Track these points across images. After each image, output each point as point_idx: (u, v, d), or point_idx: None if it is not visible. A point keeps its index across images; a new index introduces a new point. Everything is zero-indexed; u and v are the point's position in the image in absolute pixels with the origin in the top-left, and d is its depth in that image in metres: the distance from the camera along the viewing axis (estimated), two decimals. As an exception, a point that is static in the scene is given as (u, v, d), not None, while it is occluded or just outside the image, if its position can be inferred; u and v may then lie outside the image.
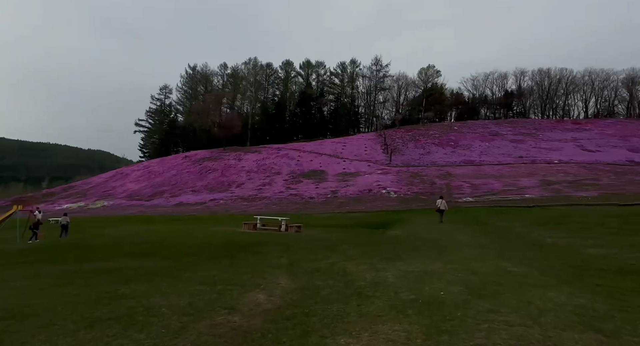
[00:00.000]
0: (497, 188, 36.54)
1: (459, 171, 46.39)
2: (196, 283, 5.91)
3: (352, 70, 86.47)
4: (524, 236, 12.52)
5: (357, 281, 6.22)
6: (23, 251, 12.10)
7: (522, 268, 6.77)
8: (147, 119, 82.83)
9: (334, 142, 67.40)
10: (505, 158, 52.24)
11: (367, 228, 21.42)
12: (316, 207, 35.79)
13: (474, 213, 22.97)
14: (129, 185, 55.44)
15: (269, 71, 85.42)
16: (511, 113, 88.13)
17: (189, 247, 10.89)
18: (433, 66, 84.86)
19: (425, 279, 5.96)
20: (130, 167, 69.17)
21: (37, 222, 18.80)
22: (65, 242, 13.98)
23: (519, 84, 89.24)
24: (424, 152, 58.02)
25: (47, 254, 10.44)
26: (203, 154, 64.31)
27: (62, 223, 20.47)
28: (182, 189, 50.52)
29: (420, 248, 9.84)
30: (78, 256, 9.56)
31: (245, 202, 41.30)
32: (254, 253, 9.86)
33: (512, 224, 15.62)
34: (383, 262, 7.86)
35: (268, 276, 6.65)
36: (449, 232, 14.11)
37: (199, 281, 6.05)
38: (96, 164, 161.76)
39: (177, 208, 40.73)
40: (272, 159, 58.54)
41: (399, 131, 68.98)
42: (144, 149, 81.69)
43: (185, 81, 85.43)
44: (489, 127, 70.53)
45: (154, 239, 13.24)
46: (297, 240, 13.02)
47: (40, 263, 8.45)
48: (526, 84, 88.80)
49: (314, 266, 7.79)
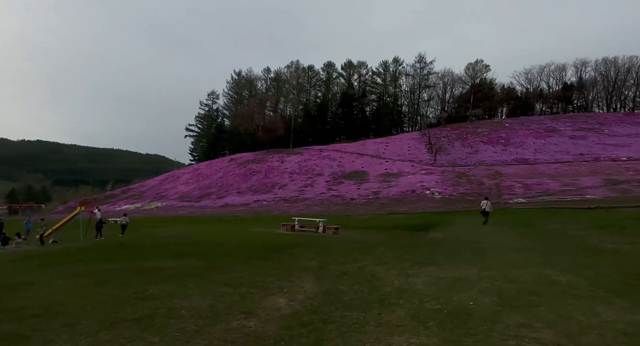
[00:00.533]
0: (553, 188, 33.86)
1: (510, 170, 43.64)
2: (222, 284, 6.03)
3: (395, 69, 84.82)
4: (579, 241, 11.42)
5: (383, 286, 6.00)
6: (81, 249, 13.17)
7: (569, 276, 6.13)
8: (197, 124, 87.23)
9: (376, 142, 66.44)
10: (563, 156, 48.31)
11: (408, 230, 20.83)
12: (357, 208, 35.46)
13: (525, 215, 21.43)
14: (180, 187, 58.62)
15: (310, 73, 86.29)
16: (571, 107, 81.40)
17: (227, 248, 11.20)
18: (481, 61, 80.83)
19: (456, 287, 5.60)
20: (181, 170, 73.18)
21: (100, 221, 20.68)
22: (118, 241, 15.04)
23: (580, 75, 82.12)
24: (472, 151, 55.32)
25: (100, 253, 11.27)
26: (248, 157, 66.36)
27: (121, 222, 22.46)
28: (228, 190, 52.46)
29: (459, 252, 9.31)
30: (125, 255, 10.20)
31: (287, 203, 41.93)
32: (286, 254, 9.92)
33: (566, 227, 14.33)
34: (415, 267, 7.53)
35: (294, 279, 6.63)
36: (494, 235, 13.25)
37: (225, 282, 6.17)
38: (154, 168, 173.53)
39: (223, 209, 42.35)
40: (314, 161, 58.96)
41: (444, 130, 66.42)
42: (194, 153, 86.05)
43: (231, 86, 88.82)
44: (544, 123, 65.71)
45: (196, 239, 13.81)
46: (332, 242, 12.92)
47: (90, 262, 9.13)
48: (588, 76, 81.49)
49: (342, 269, 7.66)
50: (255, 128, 71.31)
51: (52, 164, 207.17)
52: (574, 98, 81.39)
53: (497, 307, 4.44)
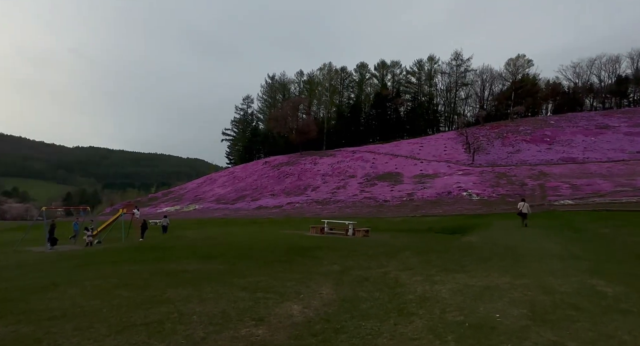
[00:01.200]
0: (605, 189, 31.31)
1: (555, 170, 40.94)
2: (239, 289, 5.96)
3: (430, 67, 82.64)
4: (634, 247, 10.35)
5: (405, 294, 5.67)
6: (119, 250, 13.78)
7: (617, 287, 5.47)
8: (232, 128, 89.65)
9: (410, 143, 64.99)
10: (617, 154, 44.65)
11: (441, 233, 20.04)
12: (390, 210, 34.70)
13: (572, 218, 19.89)
14: (217, 190, 60.39)
15: (343, 75, 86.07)
16: (626, 102, 75.26)
17: (252, 250, 11.24)
18: (523, 55, 76.75)
19: (483, 297, 5.15)
20: (218, 173, 75.49)
21: (144, 223, 21.91)
22: (152, 243, 15.59)
23: (636, 67, 75.74)
24: (513, 151, 52.57)
25: (133, 254, 11.70)
26: (281, 160, 67.19)
27: (162, 224, 23.64)
28: (262, 193, 53.33)
29: (492, 257, 8.70)
30: (155, 257, 10.50)
31: (320, 205, 41.89)
32: (310, 257, 9.76)
33: (619, 232, 13.08)
34: (442, 273, 7.10)
35: (312, 285, 6.44)
36: (534, 239, 12.33)
37: (242, 287, 6.10)
38: (193, 171, 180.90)
39: (257, 211, 43.05)
40: (347, 163, 58.59)
41: (483, 129, 63.68)
42: (230, 156, 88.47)
43: (265, 90, 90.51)
44: (595, 119, 61.19)
45: (224, 241, 14.02)
46: (360, 245, 12.61)
47: (121, 263, 9.46)
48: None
49: (365, 274, 7.37)
50: (289, 131, 72.13)
51: (103, 169, 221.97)
52: (630, 92, 75.21)
53: (526, 321, 4.00)
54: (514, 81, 75.35)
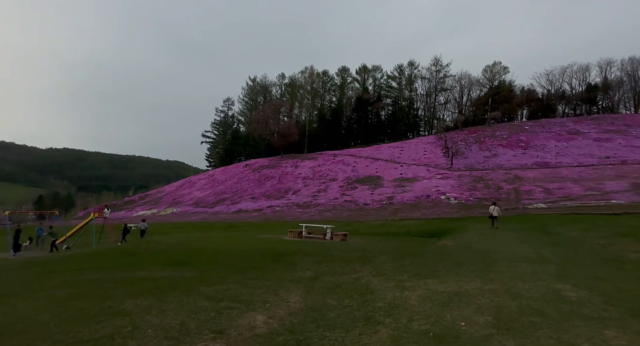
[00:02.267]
0: (576, 193, 32.39)
1: (530, 174, 42.13)
2: (204, 298, 5.73)
3: (411, 72, 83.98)
4: (601, 250, 10.64)
5: (374, 301, 5.58)
6: (87, 256, 13.20)
7: (582, 292, 5.55)
8: (213, 130, 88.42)
9: (391, 147, 65.65)
10: (587, 159, 46.38)
11: (419, 236, 20.21)
12: (370, 214, 34.84)
13: (544, 221, 20.41)
14: (196, 193, 59.28)
15: (325, 78, 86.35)
16: (595, 109, 78.43)
17: (226, 256, 10.96)
18: (499, 62, 79.00)
19: (452, 303, 5.12)
20: (197, 176, 74.16)
21: (125, 227, 22.21)
22: (123, 248, 15.04)
23: (605, 75, 79.22)
24: (490, 155, 53.84)
25: (100, 261, 11.21)
26: (262, 162, 66.63)
27: (141, 228, 23.15)
28: (242, 196, 52.67)
29: (465, 262, 8.74)
30: (123, 264, 10.08)
31: (300, 209, 41.68)
32: (285, 263, 9.59)
33: (587, 235, 13.47)
34: (414, 278, 7.06)
35: (282, 292, 6.27)
36: (507, 243, 12.53)
37: (208, 296, 5.87)
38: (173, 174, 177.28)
39: (236, 215, 42.43)
40: (328, 166, 58.62)
41: (461, 133, 64.96)
42: (210, 159, 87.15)
43: (246, 92, 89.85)
44: (567, 125, 63.44)
45: (201, 247, 13.64)
46: (337, 250, 12.50)
47: (86, 270, 9.03)
48: (614, 76, 78.52)
49: (337, 280, 7.26)
50: (270, 134, 71.69)
51: (78, 171, 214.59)
52: (599, 99, 78.47)
53: (490, 329, 3.96)
54: (491, 87, 77.42)
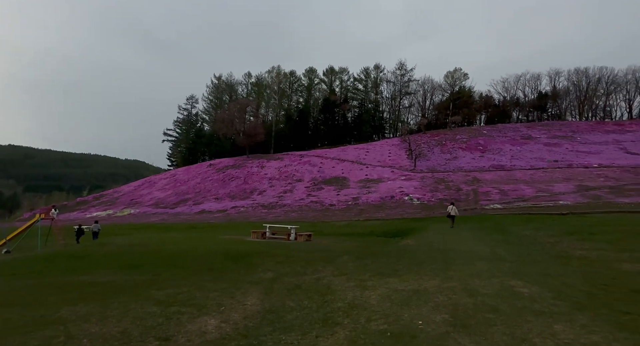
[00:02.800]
0: (528, 194, 34.27)
1: (487, 176, 44.12)
2: (153, 303, 5.35)
3: (376, 75, 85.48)
4: (550, 248, 11.21)
5: (334, 302, 5.46)
6: (26, 260, 12.13)
7: (533, 288, 5.74)
8: (175, 128, 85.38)
9: (357, 148, 66.42)
10: (538, 162, 49.29)
11: (383, 236, 20.46)
12: (335, 214, 34.96)
13: (500, 221, 21.37)
14: (156, 193, 56.90)
15: (292, 79, 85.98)
16: (545, 116, 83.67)
17: (185, 257, 10.46)
18: (460, 69, 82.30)
19: (411, 302, 5.10)
20: (157, 176, 71.25)
21: (80, 228, 21.25)
22: (69, 251, 13.99)
23: (554, 85, 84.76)
24: (451, 158, 55.89)
25: (42, 265, 10.34)
26: (227, 162, 65.16)
27: (93, 230, 21.79)
28: (206, 197, 51.20)
29: (425, 260, 8.88)
30: (66, 267, 9.34)
31: (265, 209, 41.11)
32: (244, 264, 9.28)
33: (538, 234, 14.19)
34: (376, 278, 7.03)
35: (239, 295, 6.01)
36: (465, 242, 12.94)
37: (158, 300, 5.50)
38: (132, 174, 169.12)
39: (199, 216, 41.13)
40: (295, 166, 58.35)
41: (424, 136, 67.02)
42: (172, 158, 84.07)
43: (211, 90, 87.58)
44: (520, 130, 67.19)
45: (157, 248, 12.96)
46: (300, 250, 12.33)
47: (24, 276, 8.26)
48: (562, 85, 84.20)
49: (297, 281, 7.08)
50: (236, 133, 70.28)
51: (25, 170, 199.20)
52: (549, 107, 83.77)
53: (447, 327, 3.96)
54: (452, 92, 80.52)
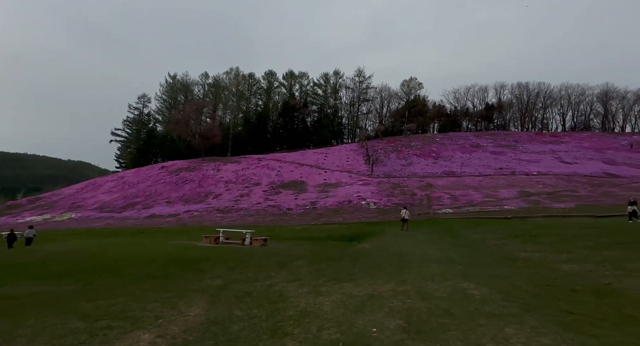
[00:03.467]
0: (476, 199, 36.08)
1: (439, 182, 45.97)
2: (78, 317, 4.72)
3: (335, 81, 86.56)
4: (497, 250, 11.67)
5: (286, 309, 5.14)
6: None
7: (484, 289, 5.80)
8: (124, 128, 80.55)
9: (315, 152, 66.57)
10: (485, 170, 52.23)
11: (340, 240, 20.44)
12: (293, 218, 34.57)
13: (451, 225, 22.20)
14: (101, 196, 53.12)
15: (251, 81, 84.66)
16: (492, 126, 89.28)
17: (125, 265, 9.61)
18: (415, 78, 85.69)
19: (365, 308, 4.92)
20: (103, 178, 66.66)
21: (11, 234, 19.62)
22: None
23: (499, 97, 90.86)
24: (406, 163, 57.67)
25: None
26: (181, 165, 62.46)
27: (26, 235, 19.89)
28: (156, 200, 48.60)
29: (381, 264, 8.82)
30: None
31: (221, 213, 39.75)
32: (194, 271, 8.68)
33: (486, 237, 14.81)
34: (330, 283, 6.81)
35: (182, 305, 5.50)
36: (419, 245, 13.17)
37: (85, 314, 4.86)
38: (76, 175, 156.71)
39: (148, 220, 38.86)
40: (252, 170, 57.21)
41: (381, 142, 68.70)
42: (120, 160, 79.13)
43: (165, 89, 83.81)
44: (470, 139, 71.02)
45: (95, 255, 11.85)
46: (254, 255, 11.85)
47: None
48: (506, 98, 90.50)
49: (248, 288, 6.67)
50: (191, 135, 67.60)
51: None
52: (495, 117, 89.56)
53: (401, 334, 3.80)
54: (408, 100, 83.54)
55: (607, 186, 38.82)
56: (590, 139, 69.10)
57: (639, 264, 8.03)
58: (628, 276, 7.02)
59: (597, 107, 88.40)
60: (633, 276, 6.99)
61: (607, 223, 18.20)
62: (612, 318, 4.49)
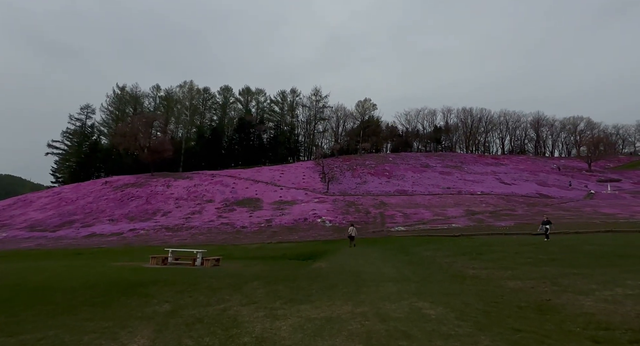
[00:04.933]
0: (427, 217, 37.55)
1: (392, 200, 47.39)
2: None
3: (292, 99, 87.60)
4: (447, 267, 12.08)
5: (240, 336, 4.86)
6: None
7: (439, 308, 5.93)
8: (63, 140, 74.74)
9: (271, 169, 66.07)
10: (434, 189, 54.79)
11: (296, 259, 20.10)
12: (247, 237, 33.63)
13: (404, 242, 22.79)
14: (32, 214, 48.26)
15: (206, 96, 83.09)
16: (440, 147, 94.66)
17: (56, 292, 8.63)
18: (369, 100, 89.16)
19: (324, 332, 4.79)
20: (36, 194, 60.84)
21: None
22: None
23: (447, 120, 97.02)
24: (360, 182, 58.95)
25: None
26: (127, 180, 58.88)
27: None
28: (98, 218, 45.10)
29: (337, 284, 8.74)
30: None
31: (170, 232, 37.69)
32: (138, 296, 8.00)
33: (437, 254, 15.33)
34: (288, 305, 6.60)
35: (123, 335, 5.00)
36: (374, 263, 13.31)
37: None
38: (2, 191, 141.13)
39: (87, 240, 35.80)
40: (205, 186, 55.32)
41: (337, 160, 69.89)
42: (57, 174, 72.91)
43: (112, 100, 79.61)
44: (420, 159, 74.50)
45: (18, 282, 10.54)
46: (206, 276, 11.24)
47: None
48: (452, 121, 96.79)
49: (199, 314, 6.26)
50: (139, 149, 64.28)
51: None
52: (442, 139, 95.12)
53: (362, 360, 3.72)
54: (362, 120, 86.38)
55: (541, 206, 42.32)
56: (525, 162, 75.46)
57: (572, 280, 8.69)
58: (564, 292, 7.54)
59: (530, 133, 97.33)
60: (568, 292, 7.53)
61: (541, 240, 19.68)
62: (555, 335, 4.76)
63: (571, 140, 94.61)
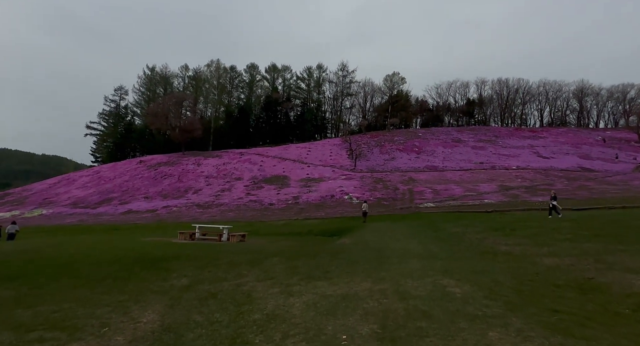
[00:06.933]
0: (458, 193, 36.30)
1: (422, 176, 46.13)
2: (9, 327, 4.12)
3: (319, 75, 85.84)
4: (478, 244, 11.46)
5: (251, 313, 4.66)
6: None
7: (465, 286, 5.46)
8: (100, 121, 77.81)
9: (298, 147, 65.93)
10: (466, 164, 52.75)
11: (321, 235, 20.06)
12: (275, 214, 33.99)
13: (432, 218, 22.10)
14: (75, 192, 51.15)
15: (232, 74, 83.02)
16: (473, 121, 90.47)
17: (83, 265, 8.90)
18: (398, 73, 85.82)
19: (337, 310, 4.48)
20: (78, 173, 64.32)
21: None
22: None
23: (480, 92, 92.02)
24: (389, 158, 57.72)
25: None
26: (160, 159, 60.83)
27: (9, 231, 19.76)
28: (134, 195, 47.12)
29: (359, 260, 8.42)
30: None
31: (200, 209, 38.79)
32: (159, 270, 8.07)
33: (467, 230, 14.64)
34: (304, 281, 6.35)
35: (135, 309, 4.94)
36: (400, 239, 12.87)
37: (17, 324, 4.26)
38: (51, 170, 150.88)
39: (124, 216, 37.58)
40: (234, 164, 56.18)
41: (364, 137, 68.58)
42: (96, 154, 76.50)
43: (143, 82, 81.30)
44: (451, 134, 71.68)
45: (52, 255, 11.02)
46: (229, 252, 11.29)
47: None
48: (486, 93, 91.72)
49: (214, 288, 6.15)
50: (170, 128, 65.91)
51: None
52: (476, 113, 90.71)
53: (373, 342, 3.37)
54: (391, 95, 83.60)
55: (583, 180, 39.73)
56: (566, 135, 70.85)
57: (619, 257, 7.89)
58: (610, 270, 6.83)
59: (573, 103, 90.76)
60: (615, 270, 6.81)
61: (584, 215, 18.40)
62: (599, 317, 4.21)
63: (619, 109, 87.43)
